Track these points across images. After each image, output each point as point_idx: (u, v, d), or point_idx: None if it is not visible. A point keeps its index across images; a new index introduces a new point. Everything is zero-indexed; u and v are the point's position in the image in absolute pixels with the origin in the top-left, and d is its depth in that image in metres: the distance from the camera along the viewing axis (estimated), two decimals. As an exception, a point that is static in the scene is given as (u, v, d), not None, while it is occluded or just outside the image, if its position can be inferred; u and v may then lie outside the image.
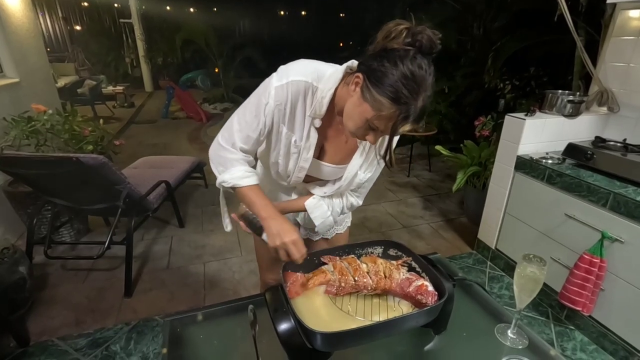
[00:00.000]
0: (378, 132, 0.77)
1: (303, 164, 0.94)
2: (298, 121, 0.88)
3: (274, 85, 0.83)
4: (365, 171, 0.97)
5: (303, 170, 0.96)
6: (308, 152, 0.92)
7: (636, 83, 1.90)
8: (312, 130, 0.89)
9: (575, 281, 1.65)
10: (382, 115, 0.71)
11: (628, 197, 1.49)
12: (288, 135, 0.90)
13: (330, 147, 0.96)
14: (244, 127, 0.88)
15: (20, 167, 1.82)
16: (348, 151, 0.95)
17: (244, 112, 0.88)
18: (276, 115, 0.86)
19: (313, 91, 0.83)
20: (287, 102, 0.84)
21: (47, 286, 2.08)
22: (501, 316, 0.89)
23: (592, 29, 2.51)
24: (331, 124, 0.92)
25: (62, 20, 10.19)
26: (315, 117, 0.86)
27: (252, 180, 0.90)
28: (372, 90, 0.71)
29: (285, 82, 0.82)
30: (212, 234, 2.69)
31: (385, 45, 0.69)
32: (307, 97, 0.84)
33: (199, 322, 0.88)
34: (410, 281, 0.83)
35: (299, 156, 0.93)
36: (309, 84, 0.83)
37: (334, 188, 1.00)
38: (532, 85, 3.67)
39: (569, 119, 2.00)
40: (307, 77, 0.83)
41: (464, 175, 2.60)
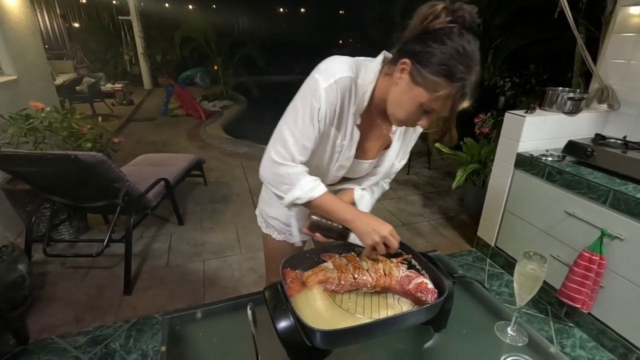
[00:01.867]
0: (433, 115, 0.76)
1: (344, 162, 0.92)
2: (344, 120, 0.86)
3: (322, 87, 0.78)
4: (400, 160, 0.98)
5: (342, 169, 0.94)
6: (350, 150, 0.90)
7: (637, 80, 1.89)
8: (354, 128, 0.87)
9: (575, 278, 1.65)
10: (439, 95, 0.70)
11: (628, 195, 1.49)
12: (335, 135, 0.87)
13: (366, 143, 0.93)
14: (299, 138, 0.82)
15: (18, 164, 1.82)
16: (381, 144, 0.95)
17: (294, 122, 0.82)
18: (328, 117, 0.82)
19: (355, 87, 0.81)
20: (337, 102, 0.81)
21: (47, 284, 2.08)
22: (501, 314, 0.89)
23: (593, 26, 2.50)
24: (367, 119, 0.89)
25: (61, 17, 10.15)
26: (357, 113, 0.85)
27: (323, 187, 0.85)
28: (423, 73, 0.70)
29: (333, 80, 0.78)
30: (212, 232, 2.69)
31: (426, 28, 0.70)
32: (353, 93, 0.82)
33: (198, 319, 0.88)
34: (410, 279, 0.82)
35: (341, 155, 0.91)
36: (353, 79, 0.80)
37: (369, 182, 1.00)
38: (532, 83, 3.66)
39: (569, 116, 1.99)
40: (351, 72, 0.80)
41: (464, 173, 2.60)
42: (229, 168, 3.97)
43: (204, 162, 3.26)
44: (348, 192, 1.02)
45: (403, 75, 0.74)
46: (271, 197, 1.10)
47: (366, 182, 1.01)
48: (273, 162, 0.85)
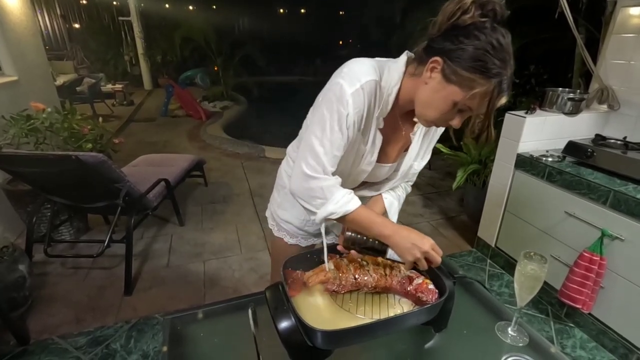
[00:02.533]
0: (466, 113, 0.74)
1: (366, 167, 0.90)
2: (369, 124, 0.83)
3: (349, 92, 0.75)
4: (420, 161, 0.97)
5: (364, 173, 0.93)
6: (372, 155, 0.88)
7: (637, 81, 1.89)
8: (377, 132, 0.85)
9: (575, 279, 1.65)
10: (476, 93, 0.68)
11: (628, 195, 1.49)
12: (360, 140, 0.85)
13: (387, 146, 0.91)
14: (329, 149, 0.79)
15: (19, 165, 1.82)
16: (402, 146, 0.93)
17: (323, 131, 0.78)
18: (357, 123, 0.79)
19: (380, 89, 0.79)
20: (364, 107, 0.78)
21: (47, 284, 2.08)
22: (501, 314, 0.89)
23: (593, 26, 2.51)
24: (389, 122, 0.86)
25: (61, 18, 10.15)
26: (381, 116, 0.83)
27: (357, 200, 0.82)
28: (457, 70, 0.67)
29: (359, 85, 0.75)
30: (212, 232, 2.69)
31: (455, 24, 0.68)
32: (377, 97, 0.80)
33: (199, 320, 0.88)
34: (410, 279, 0.83)
35: (363, 160, 0.88)
36: (377, 82, 0.78)
37: (387, 186, 0.99)
38: (532, 83, 3.66)
39: (569, 116, 1.99)
40: (375, 75, 0.78)
41: (464, 173, 2.60)
42: (229, 168, 3.97)
43: (204, 163, 3.26)
44: (378, 201, 1.00)
45: (434, 75, 0.71)
46: (285, 201, 1.08)
47: (385, 186, 1.00)
48: (305, 176, 0.80)
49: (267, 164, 4.06)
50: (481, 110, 0.71)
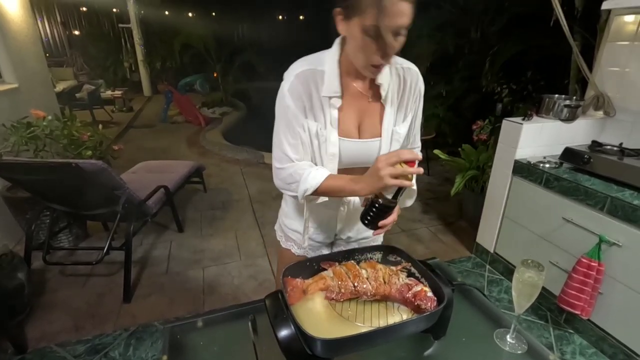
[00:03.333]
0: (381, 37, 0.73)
1: (332, 149, 0.91)
2: (317, 108, 0.88)
3: (286, 88, 0.86)
4: (402, 124, 0.96)
5: (334, 157, 0.92)
6: (333, 134, 0.90)
7: (632, 87, 1.92)
8: (331, 111, 0.88)
9: (574, 285, 1.65)
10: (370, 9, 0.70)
11: (625, 201, 1.50)
12: (314, 126, 0.90)
13: (363, 121, 0.93)
14: (286, 139, 0.90)
15: (19, 173, 1.82)
16: (380, 118, 0.94)
17: (279, 127, 0.90)
18: (300, 111, 0.88)
19: (321, 75, 0.86)
20: (302, 94, 0.86)
21: (46, 292, 2.07)
22: (500, 321, 0.90)
23: (588, 33, 2.54)
24: (352, 100, 0.91)
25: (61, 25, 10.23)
26: (332, 96, 0.87)
27: (323, 171, 0.88)
28: (349, 4, 0.74)
29: (292, 79, 0.85)
30: (212, 239, 2.69)
31: None
32: (318, 82, 0.86)
33: (199, 328, 0.88)
34: (409, 287, 0.83)
35: (327, 142, 0.91)
36: (314, 70, 0.85)
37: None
38: (529, 89, 3.70)
39: (566, 123, 2.01)
40: (310, 64, 0.86)
41: (463, 179, 2.61)
42: (228, 175, 3.98)
43: (203, 169, 3.27)
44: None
45: (341, 24, 0.78)
46: (290, 209, 1.11)
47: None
48: (277, 169, 0.93)
49: (266, 170, 4.07)
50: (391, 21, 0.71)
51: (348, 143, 0.92)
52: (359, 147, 0.94)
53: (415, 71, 0.95)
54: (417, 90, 0.96)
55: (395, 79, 0.92)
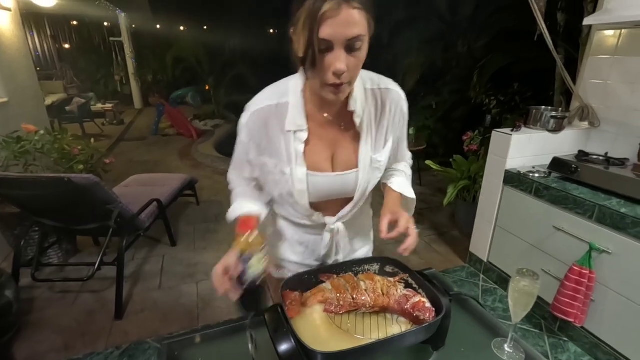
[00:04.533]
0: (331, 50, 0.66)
1: (299, 186, 0.83)
2: (278, 144, 0.82)
3: (243, 122, 0.82)
4: (380, 151, 0.87)
5: (303, 193, 0.85)
6: (299, 172, 0.82)
7: (614, 99, 1.98)
8: (296, 145, 0.81)
9: (567, 292, 1.68)
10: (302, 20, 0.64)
11: (613, 209, 1.54)
12: (274, 164, 0.83)
13: (338, 150, 0.85)
14: (237, 167, 0.92)
15: (9, 188, 1.80)
16: (356, 146, 0.85)
17: (234, 153, 0.90)
18: (254, 149, 0.84)
19: (285, 108, 0.79)
20: (257, 132, 0.82)
21: (34, 310, 2.02)
22: (498, 330, 0.91)
23: (571, 47, 2.64)
24: (322, 130, 0.83)
25: (51, 38, 10.20)
26: (298, 129, 0.80)
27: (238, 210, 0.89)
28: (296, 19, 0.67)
29: (249, 115, 0.81)
30: (205, 252, 2.66)
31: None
32: (281, 116, 0.80)
33: (197, 344, 0.87)
34: (407, 298, 0.84)
35: (292, 179, 0.83)
36: (277, 105, 0.80)
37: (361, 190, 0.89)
38: (517, 101, 3.79)
39: (553, 133, 2.07)
40: (271, 99, 0.80)
41: (455, 189, 2.65)
42: (221, 187, 3.97)
43: (196, 182, 3.25)
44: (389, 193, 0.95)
45: (293, 43, 0.71)
46: (277, 237, 1.03)
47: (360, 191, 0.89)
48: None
49: (259, 182, 4.05)
50: (331, 32, 0.63)
51: (319, 178, 0.84)
52: (333, 181, 0.85)
53: (396, 92, 0.85)
54: (399, 113, 0.87)
55: (372, 102, 0.83)
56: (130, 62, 9.24)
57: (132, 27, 9.34)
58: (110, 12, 8.55)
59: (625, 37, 1.89)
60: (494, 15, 4.05)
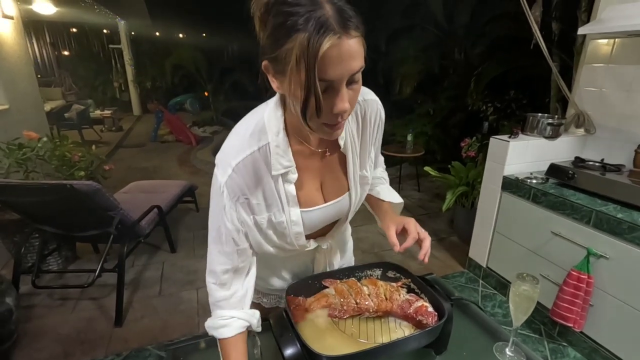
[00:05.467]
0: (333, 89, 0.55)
1: (296, 229, 0.77)
2: (268, 193, 0.72)
3: (222, 182, 0.68)
4: (366, 166, 0.83)
5: (300, 235, 0.79)
6: (293, 213, 0.75)
7: (609, 106, 2.02)
8: (286, 187, 0.72)
9: (565, 297, 1.69)
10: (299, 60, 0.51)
11: (610, 215, 1.56)
12: (264, 218, 0.74)
13: (326, 178, 0.80)
14: (213, 251, 0.75)
15: (11, 194, 1.80)
16: (344, 168, 0.81)
17: (212, 231, 0.74)
18: (244, 211, 0.71)
19: (266, 151, 0.68)
20: (246, 187, 0.69)
21: (34, 317, 2.01)
22: (499, 334, 0.92)
23: (566, 55, 2.69)
24: (308, 159, 0.75)
25: (50, 45, 10.24)
26: (287, 170, 0.70)
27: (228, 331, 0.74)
28: (275, 56, 0.55)
29: (230, 170, 0.67)
30: (204, 259, 2.62)
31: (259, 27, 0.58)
32: (266, 162, 0.69)
33: (201, 349, 0.88)
34: (410, 302, 0.85)
35: (288, 227, 0.76)
36: (258, 150, 0.68)
37: (353, 209, 0.86)
38: (513, 107, 3.85)
39: (550, 140, 2.10)
40: (251, 144, 0.68)
41: (453, 195, 2.67)
42: (220, 193, 3.96)
43: (196, 188, 3.26)
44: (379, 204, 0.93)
45: (275, 80, 0.60)
46: (262, 270, 0.91)
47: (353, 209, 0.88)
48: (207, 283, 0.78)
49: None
50: (333, 71, 0.53)
51: (313, 213, 0.78)
52: (327, 211, 0.81)
53: (375, 100, 0.79)
54: (378, 121, 0.81)
55: (353, 118, 0.76)
56: (129, 69, 9.29)
57: (132, 35, 9.40)
58: (110, 19, 8.61)
59: (619, 46, 1.93)
60: (489, 24, 4.12)
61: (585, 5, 2.30)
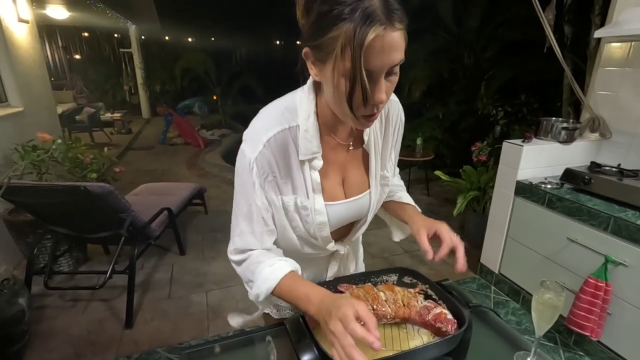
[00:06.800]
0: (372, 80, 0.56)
1: (320, 218, 0.75)
2: (295, 176, 0.71)
3: (252, 158, 0.67)
4: (386, 166, 0.83)
5: (324, 226, 0.77)
6: (317, 201, 0.74)
7: (625, 110, 1.98)
8: (312, 174, 0.72)
9: (582, 306, 1.65)
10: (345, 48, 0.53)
11: (629, 221, 1.53)
12: (291, 200, 0.73)
13: (348, 174, 0.80)
14: (249, 225, 0.73)
15: (26, 196, 1.82)
16: (366, 166, 0.81)
17: (239, 207, 0.73)
18: (270, 189, 0.70)
19: (295, 132, 0.68)
20: (274, 166, 0.69)
21: (45, 318, 2.02)
22: (519, 343, 0.90)
23: (579, 58, 2.65)
24: (334, 151, 0.75)
25: (62, 49, 10.42)
26: (312, 157, 0.70)
27: (281, 271, 0.69)
28: (319, 44, 0.56)
29: (261, 146, 0.67)
30: (214, 261, 2.66)
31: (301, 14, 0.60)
32: (294, 143, 0.69)
33: (216, 354, 0.87)
34: (428, 309, 0.83)
35: (311, 214, 0.74)
36: (289, 129, 0.68)
37: (373, 211, 0.85)
38: (524, 112, 3.81)
39: (564, 145, 2.07)
40: (282, 122, 0.68)
41: (464, 200, 2.64)
42: (229, 196, 3.96)
43: (205, 191, 3.27)
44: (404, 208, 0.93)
45: (313, 67, 0.62)
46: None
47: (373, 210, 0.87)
48: (233, 262, 0.79)
49: (266, 191, 4.06)
50: (378, 60, 0.54)
51: (335, 207, 0.77)
52: (348, 207, 0.80)
53: (396, 101, 0.80)
54: (399, 123, 0.82)
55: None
56: (139, 72, 9.40)
57: (142, 39, 9.53)
58: (121, 23, 8.74)
59: (636, 50, 1.90)
60: (500, 28, 4.09)
61: (599, 8, 2.27)
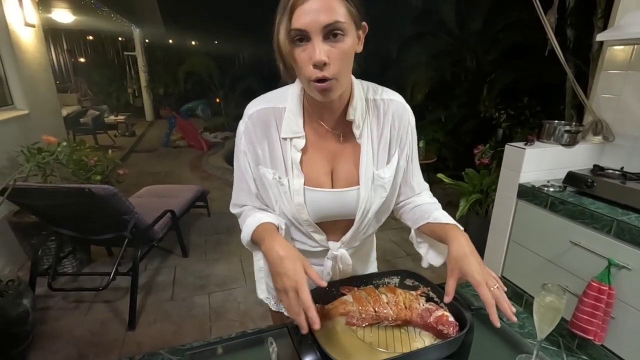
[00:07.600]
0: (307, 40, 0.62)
1: (297, 199, 0.78)
2: (276, 152, 0.77)
3: (241, 130, 0.78)
4: (383, 167, 0.81)
5: (302, 208, 0.79)
6: (296, 181, 0.77)
7: (628, 113, 1.98)
8: (293, 154, 0.76)
9: (585, 309, 1.64)
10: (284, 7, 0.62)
11: (632, 225, 1.52)
12: (269, 174, 0.78)
13: (338, 165, 0.80)
14: (240, 185, 0.85)
15: (31, 198, 1.84)
16: (357, 160, 0.80)
17: (236, 170, 0.84)
18: (252, 160, 0.79)
19: (281, 113, 0.76)
20: (255, 139, 0.77)
21: (49, 319, 2.03)
22: (521, 346, 0.90)
23: (581, 61, 2.65)
24: (324, 139, 0.79)
25: (67, 52, 10.51)
26: (293, 137, 0.76)
27: (257, 219, 0.77)
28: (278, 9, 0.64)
29: (246, 119, 0.77)
30: (216, 264, 2.67)
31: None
32: (279, 121, 0.76)
33: (219, 355, 0.88)
34: (430, 312, 0.84)
35: (290, 190, 0.77)
36: (273, 109, 0.76)
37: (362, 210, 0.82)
38: (527, 115, 3.80)
39: (567, 148, 2.06)
40: (268, 102, 0.77)
41: (467, 203, 2.64)
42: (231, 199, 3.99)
43: (207, 193, 3.29)
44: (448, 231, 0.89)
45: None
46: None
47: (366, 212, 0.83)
48: (235, 215, 0.89)
49: (269, 193, 4.07)
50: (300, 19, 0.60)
51: (318, 194, 0.78)
52: (332, 197, 0.80)
53: (400, 102, 0.81)
54: (404, 125, 0.81)
55: (373, 113, 0.79)
56: (143, 75, 9.48)
57: (146, 42, 9.61)
58: (125, 27, 8.82)
59: (638, 53, 1.90)
60: (502, 31, 4.10)
61: (601, 11, 2.27)
